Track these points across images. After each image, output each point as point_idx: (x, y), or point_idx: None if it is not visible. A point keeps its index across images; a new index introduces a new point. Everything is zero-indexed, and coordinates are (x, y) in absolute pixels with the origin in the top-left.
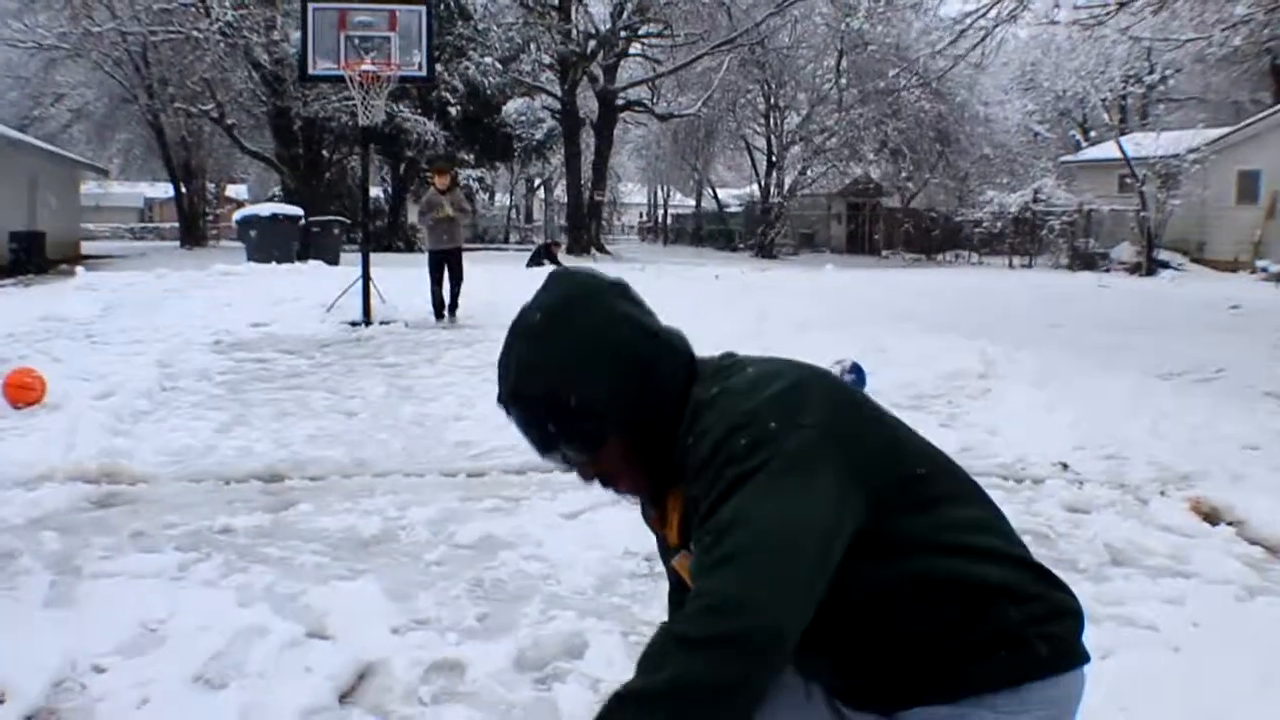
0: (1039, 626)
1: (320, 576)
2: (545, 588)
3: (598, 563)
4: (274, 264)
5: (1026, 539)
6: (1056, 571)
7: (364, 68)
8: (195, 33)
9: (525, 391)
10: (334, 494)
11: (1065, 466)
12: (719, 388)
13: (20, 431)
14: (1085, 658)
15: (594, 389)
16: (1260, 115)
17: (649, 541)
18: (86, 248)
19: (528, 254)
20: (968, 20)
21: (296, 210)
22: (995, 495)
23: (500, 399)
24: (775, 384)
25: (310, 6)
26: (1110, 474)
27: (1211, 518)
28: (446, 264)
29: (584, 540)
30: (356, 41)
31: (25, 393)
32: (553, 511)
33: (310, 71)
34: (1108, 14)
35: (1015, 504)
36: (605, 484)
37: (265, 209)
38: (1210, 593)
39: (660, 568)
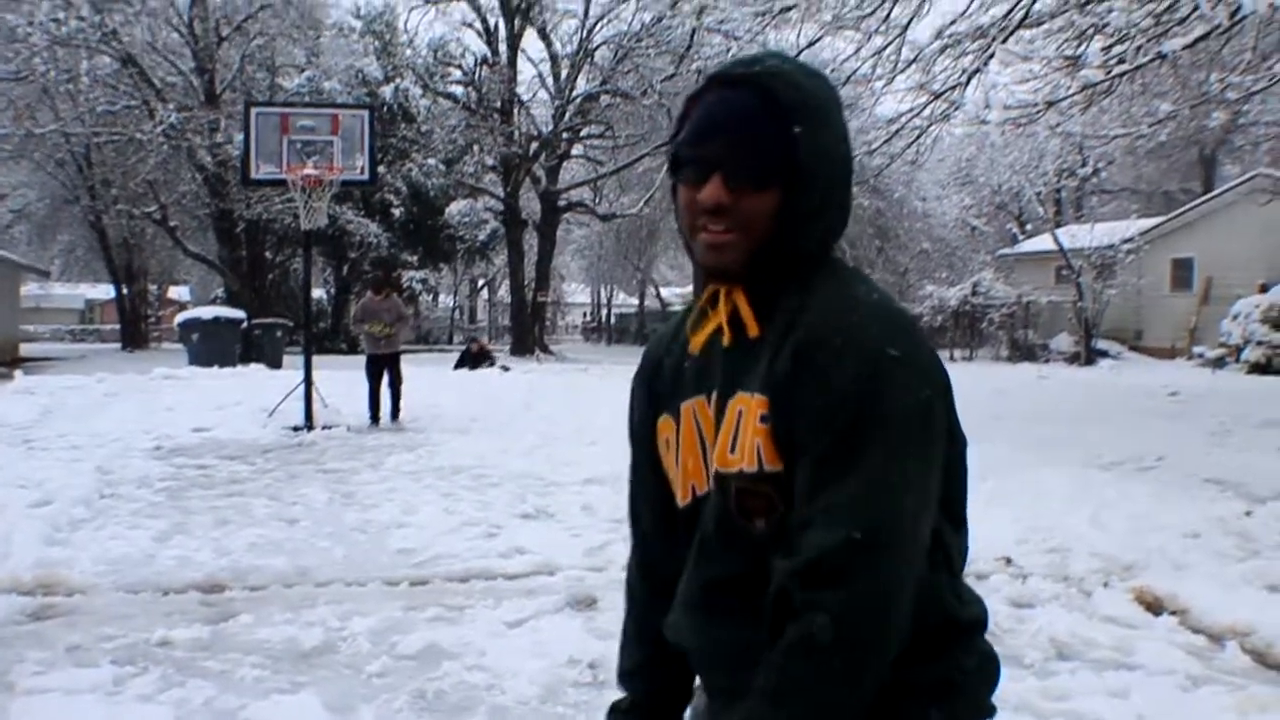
0: (974, 678)
1: (260, 690)
2: (489, 698)
3: (541, 672)
4: (216, 367)
5: None
6: (1003, 667)
7: (306, 172)
8: (139, 135)
9: (772, 86)
10: (275, 604)
11: (1009, 561)
12: (872, 290)
13: None
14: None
15: (816, 140)
16: (1191, 204)
17: (593, 650)
18: (26, 349)
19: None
20: (902, 120)
21: (238, 313)
22: None
23: (719, 78)
24: (907, 321)
25: (254, 111)
26: (1053, 567)
27: (1154, 607)
28: (385, 368)
29: (528, 650)
30: (299, 146)
31: None
32: (496, 620)
33: (252, 176)
34: (1037, 113)
35: None
36: (708, 223)
37: (207, 312)
38: (1155, 684)
39: (605, 674)
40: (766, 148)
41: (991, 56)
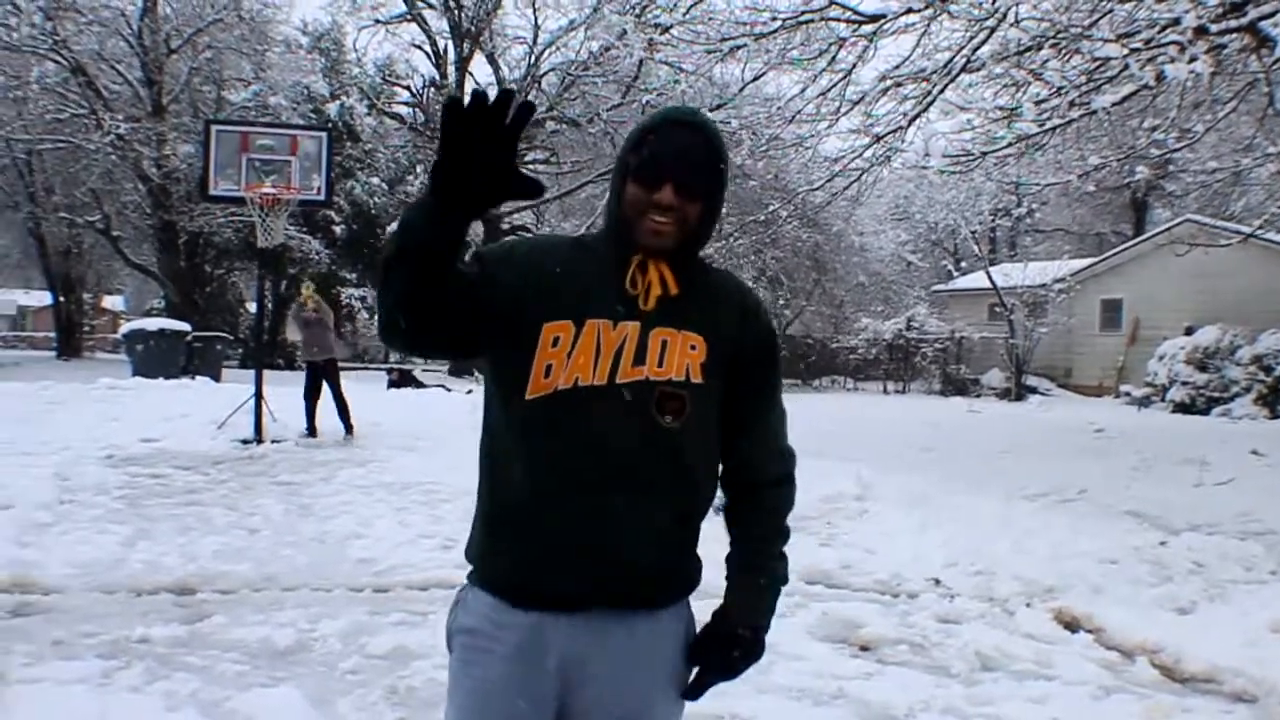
0: None
1: (242, 684)
2: None
3: None
4: (161, 379)
5: (902, 648)
6: (930, 676)
7: (264, 190)
8: (87, 144)
9: (712, 132)
10: (245, 606)
11: (938, 582)
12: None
13: None
14: None
15: (728, 174)
16: (1122, 246)
17: None
18: None
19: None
20: (843, 161)
21: (184, 325)
22: (873, 608)
23: (674, 120)
24: None
25: (214, 128)
26: (979, 588)
27: (1072, 626)
28: (322, 376)
29: None
30: (258, 164)
31: None
32: None
33: (211, 192)
34: (974, 162)
35: (892, 616)
36: (658, 215)
37: (152, 323)
38: (1070, 693)
39: None
40: (705, 173)
41: (932, 102)
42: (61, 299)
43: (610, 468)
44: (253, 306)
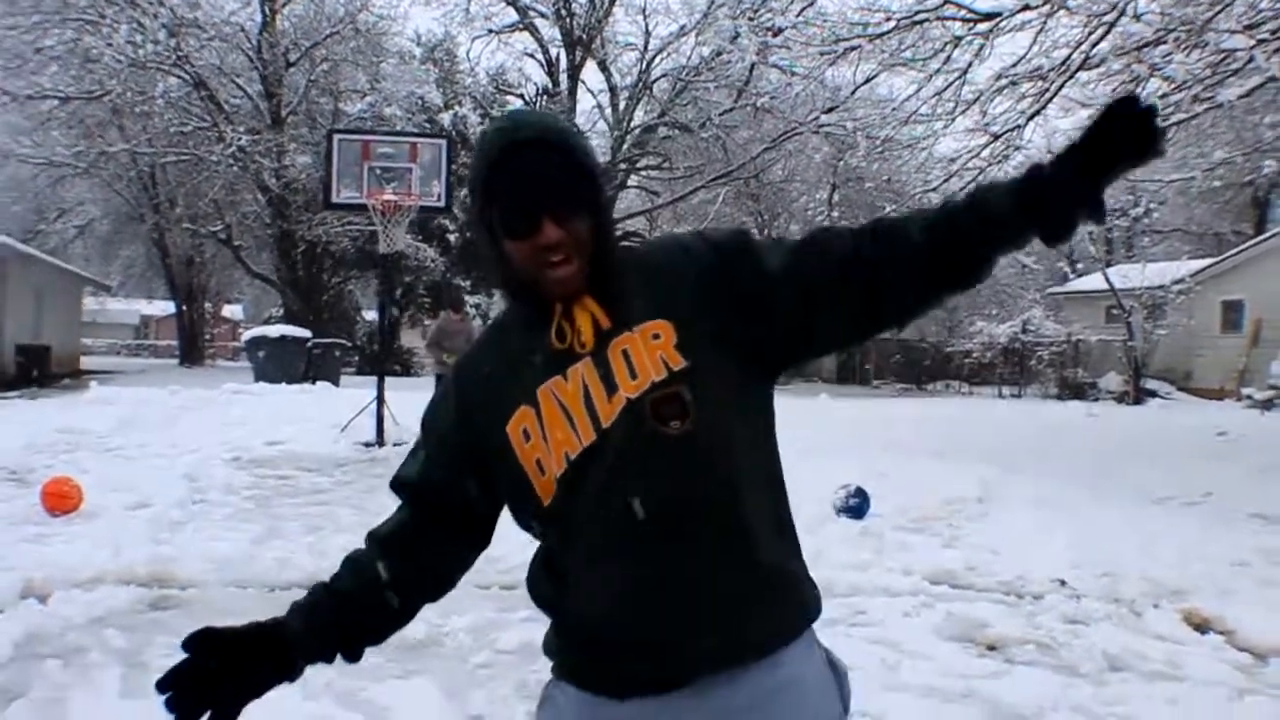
0: None
1: (377, 675)
2: None
3: None
4: (283, 384)
5: (1029, 648)
6: (1058, 676)
7: (386, 197)
8: (210, 156)
9: (567, 138)
10: None
11: (1063, 583)
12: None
13: (64, 538)
14: None
15: (599, 169)
16: (1242, 246)
17: None
18: (85, 362)
19: None
20: (960, 161)
21: (304, 332)
22: (999, 609)
23: (529, 139)
24: None
25: (336, 138)
26: (1106, 589)
27: (1202, 627)
28: None
29: None
30: (379, 172)
31: (64, 501)
32: None
33: (334, 200)
34: None
35: (1018, 617)
36: (552, 258)
37: (274, 330)
38: (1203, 694)
39: None
40: (574, 181)
41: (1051, 99)
42: (184, 308)
43: (641, 522)
44: (368, 314)
